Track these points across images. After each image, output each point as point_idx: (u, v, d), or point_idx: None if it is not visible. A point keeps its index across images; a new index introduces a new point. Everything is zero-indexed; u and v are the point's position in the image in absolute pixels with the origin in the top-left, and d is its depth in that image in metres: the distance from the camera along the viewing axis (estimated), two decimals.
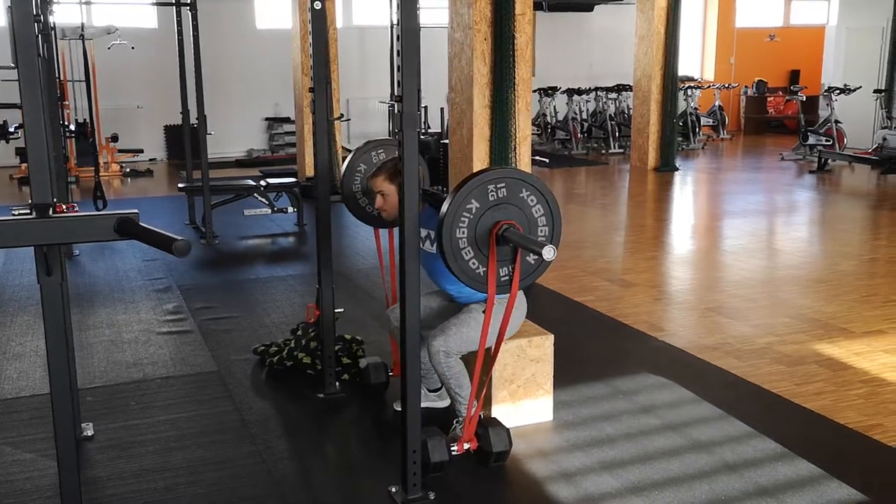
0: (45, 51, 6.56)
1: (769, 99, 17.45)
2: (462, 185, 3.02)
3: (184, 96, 7.75)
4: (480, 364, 3.26)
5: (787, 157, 13.07)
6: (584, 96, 14.79)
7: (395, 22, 9.88)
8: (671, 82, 11.86)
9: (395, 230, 3.82)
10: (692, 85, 15.63)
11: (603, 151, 14.30)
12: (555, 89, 14.92)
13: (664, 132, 12.03)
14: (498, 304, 3.36)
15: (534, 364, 3.66)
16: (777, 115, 17.52)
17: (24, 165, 11.10)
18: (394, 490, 3.09)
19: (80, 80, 11.67)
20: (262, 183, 7.95)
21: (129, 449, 3.46)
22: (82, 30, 7.60)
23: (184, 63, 7.64)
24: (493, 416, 3.61)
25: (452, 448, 3.27)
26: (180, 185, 7.93)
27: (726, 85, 16.48)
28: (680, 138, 14.79)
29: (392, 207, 3.55)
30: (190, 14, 7.17)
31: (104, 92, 12.37)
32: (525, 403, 3.68)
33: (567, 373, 4.22)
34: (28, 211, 2.38)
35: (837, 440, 3.55)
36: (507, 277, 3.13)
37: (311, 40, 3.82)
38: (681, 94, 14.99)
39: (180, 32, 7.66)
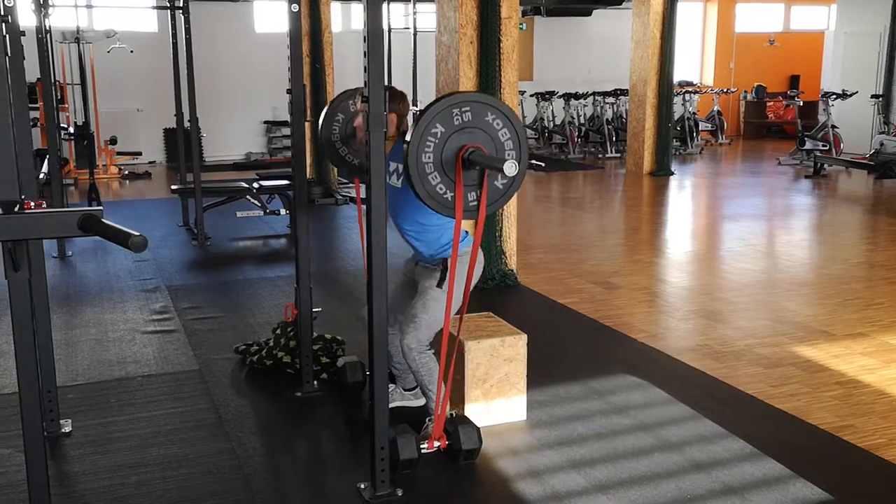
0: (43, 53, 6.64)
1: (769, 104, 17.47)
2: (426, 109, 3.01)
3: (178, 99, 7.80)
4: (445, 346, 3.25)
5: (784, 162, 13.08)
6: (581, 101, 14.82)
7: (388, 27, 9.93)
8: (667, 87, 11.89)
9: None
10: (690, 90, 15.66)
11: (600, 156, 14.33)
12: (552, 93, 14.96)
13: (660, 137, 12.06)
14: (459, 265, 3.38)
15: (507, 364, 3.70)
16: (777, 121, 17.54)
17: None
18: (362, 487, 3.13)
19: (80, 84, 11.80)
20: (255, 185, 8.00)
21: (105, 445, 3.51)
22: (77, 33, 7.65)
23: (178, 66, 7.69)
24: (465, 414, 3.65)
25: (422, 446, 3.31)
26: (173, 188, 7.98)
27: (725, 90, 16.49)
28: (678, 143, 14.83)
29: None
30: (183, 18, 7.23)
31: (104, 95, 12.45)
32: (498, 403, 3.72)
33: (544, 373, 4.26)
34: None
35: (807, 441, 3.58)
36: (474, 202, 3.11)
37: (288, 42, 3.86)
38: (679, 98, 15.04)
39: (175, 36, 7.71)
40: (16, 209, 2.36)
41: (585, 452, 3.44)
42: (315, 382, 4.11)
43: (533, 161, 13.40)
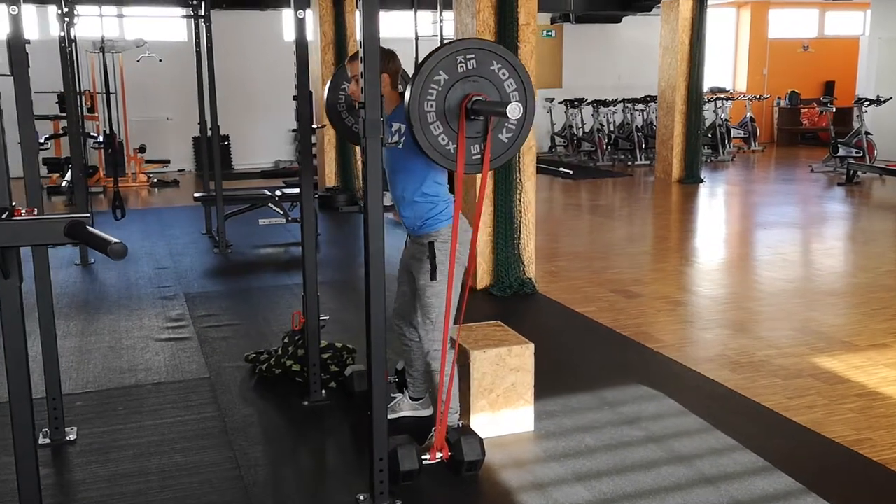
0: (66, 62, 6.72)
1: (803, 110, 17.19)
2: (429, 56, 2.95)
3: (201, 108, 7.85)
4: (445, 356, 3.20)
5: (817, 169, 12.85)
6: (610, 108, 14.70)
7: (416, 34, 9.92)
8: (696, 93, 11.74)
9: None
10: (723, 96, 15.46)
11: (629, 163, 14.19)
12: (581, 101, 14.85)
13: (689, 144, 11.91)
14: (444, 243, 3.33)
15: (514, 373, 3.64)
16: (811, 127, 17.24)
17: (54, 175, 11.34)
18: (361, 498, 3.08)
19: (104, 92, 11.94)
20: (277, 193, 8.01)
21: (108, 453, 3.50)
22: (103, 42, 7.74)
23: (201, 75, 7.74)
24: (471, 425, 3.59)
25: (424, 457, 3.26)
26: (195, 195, 8.02)
27: (758, 96, 16.26)
28: (709, 150, 14.65)
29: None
30: (204, 27, 7.27)
31: (135, 103, 12.60)
32: (505, 413, 3.65)
33: (555, 383, 4.20)
34: None
35: (822, 454, 3.48)
36: (478, 156, 3.05)
37: (294, 49, 3.84)
38: (710, 105, 14.86)
39: (198, 45, 7.77)
40: (3, 216, 2.36)
41: (592, 465, 3.37)
42: (323, 391, 4.07)
43: (561, 168, 13.33)
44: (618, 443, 3.57)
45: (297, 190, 8.10)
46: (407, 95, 2.95)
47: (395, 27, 14.82)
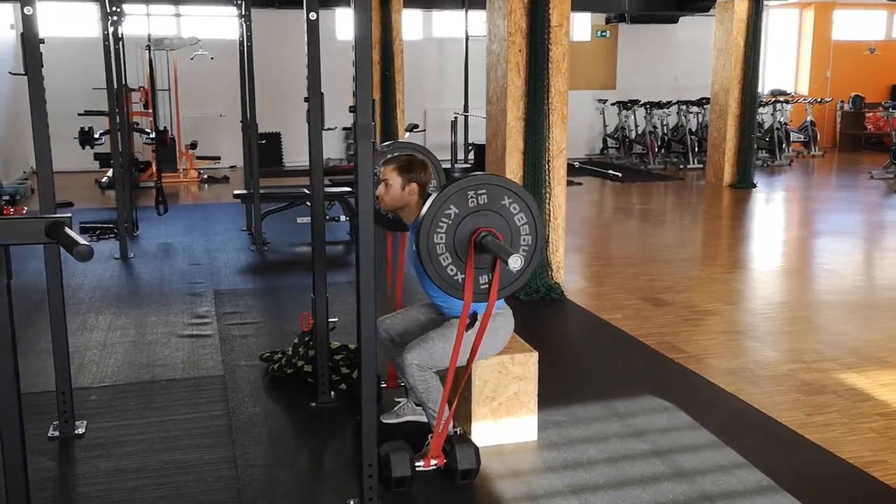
0: (109, 60, 6.86)
1: (868, 115, 16.67)
2: (441, 189, 3.01)
3: (244, 105, 7.94)
4: (451, 378, 3.21)
5: (877, 176, 12.44)
6: (664, 110, 14.46)
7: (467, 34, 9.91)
8: (750, 96, 11.48)
9: (406, 235, 3.83)
10: (782, 99, 15.09)
11: (681, 167, 13.94)
12: (635, 102, 14.64)
13: (741, 148, 11.65)
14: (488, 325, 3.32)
15: (517, 382, 3.58)
16: (876, 132, 16.72)
17: (106, 170, 11.60)
18: (352, 502, 3.07)
19: (157, 89, 12.18)
20: None
21: (111, 448, 3.55)
22: (149, 40, 7.89)
23: (244, 72, 7.83)
24: (472, 433, 3.55)
25: (418, 464, 3.24)
26: (235, 193, 8.13)
27: (819, 99, 15.82)
28: (766, 154, 14.31)
29: (391, 199, 3.57)
30: (244, 25, 7.36)
31: (189, 101, 12.83)
32: (507, 422, 3.60)
33: (566, 391, 4.14)
34: None
35: (832, 475, 3.35)
36: (486, 286, 3.10)
37: (306, 50, 3.85)
38: (769, 108, 14.51)
39: (242, 43, 7.86)
40: None
41: (590, 477, 3.30)
42: (332, 393, 4.07)
43: (609, 171, 13.17)
44: (621, 456, 3.49)
45: (335, 189, 8.18)
46: (418, 222, 3.01)
47: (448, 27, 14.85)
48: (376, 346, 3.01)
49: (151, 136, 11.38)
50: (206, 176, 12.44)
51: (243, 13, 7.48)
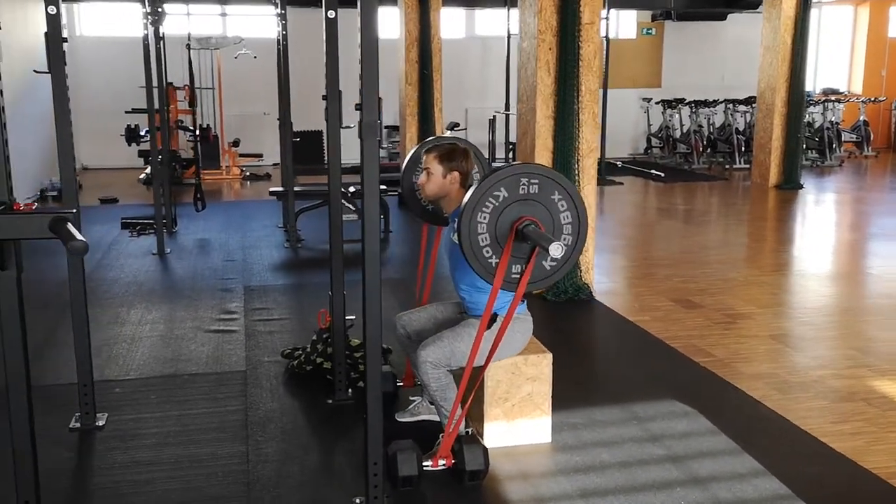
0: (148, 59, 6.98)
1: None
2: (495, 170, 3.01)
3: (281, 103, 8.01)
4: (466, 380, 3.20)
5: None
6: (711, 108, 14.22)
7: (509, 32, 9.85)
8: (797, 95, 11.23)
9: (444, 229, 3.83)
10: (834, 98, 14.73)
11: (727, 167, 13.70)
12: (680, 101, 14.43)
13: (788, 148, 11.40)
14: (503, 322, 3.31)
15: (530, 383, 3.55)
16: None
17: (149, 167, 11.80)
18: (357, 501, 3.07)
19: (208, 88, 12.37)
20: (352, 189, 8.09)
21: (129, 441, 3.60)
22: (189, 39, 8.00)
23: (280, 71, 7.90)
24: (485, 433, 3.53)
25: (426, 463, 3.23)
26: (271, 190, 8.20)
27: (873, 98, 15.41)
28: (815, 154, 14.00)
29: (432, 187, 3.57)
30: (281, 23, 7.41)
31: (232, 99, 12.99)
32: (520, 423, 3.57)
33: (585, 394, 4.10)
34: None
35: (853, 485, 3.25)
36: (517, 275, 3.07)
37: (325, 49, 3.86)
38: (819, 107, 14.19)
39: (279, 42, 7.93)
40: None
41: (601, 482, 3.25)
42: (350, 391, 4.08)
43: (652, 171, 13.00)
44: (635, 460, 3.44)
45: None
46: (464, 199, 3.01)
47: (491, 25, 14.80)
48: (381, 345, 3.00)
49: (195, 133, 11.57)
50: (248, 173, 12.58)
51: (280, 12, 7.52)
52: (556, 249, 2.87)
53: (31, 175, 9.78)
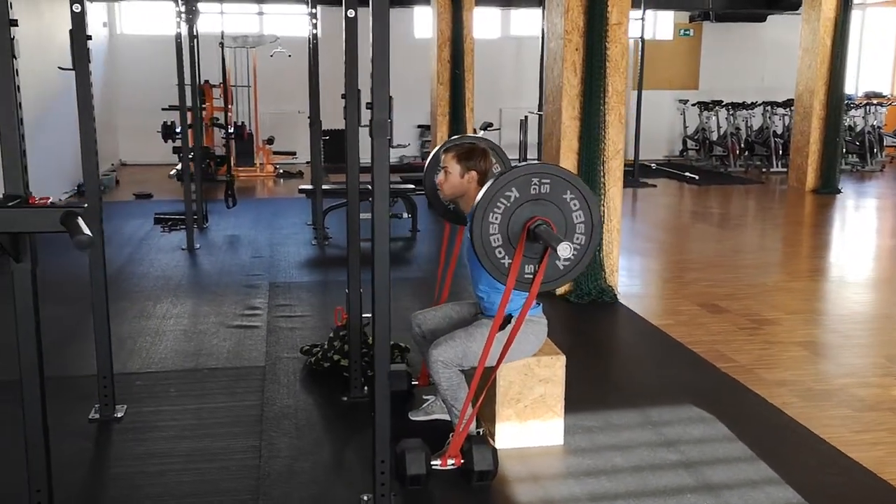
0: (181, 57, 7.06)
1: None
2: (506, 171, 3.01)
3: (312, 102, 8.05)
4: (477, 380, 3.19)
5: None
6: (749, 111, 14.03)
7: (544, 31, 9.81)
8: (836, 98, 11.04)
9: (465, 228, 3.82)
10: (875, 101, 14.45)
11: (763, 170, 13.51)
12: (718, 103, 14.26)
13: (826, 151, 11.22)
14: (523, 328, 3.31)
15: (543, 384, 3.53)
16: None
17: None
18: (365, 498, 3.08)
19: (243, 86, 12.49)
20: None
21: (145, 433, 3.65)
22: (222, 38, 8.09)
23: (312, 69, 7.95)
24: (496, 434, 3.52)
25: (435, 463, 3.23)
26: (300, 188, 8.26)
27: None
28: (856, 159, 13.75)
29: (450, 186, 3.59)
30: (311, 22, 7.46)
31: (267, 97, 13.10)
32: (533, 424, 3.55)
33: (601, 397, 4.08)
34: None
35: (869, 497, 3.19)
36: (530, 275, 3.06)
37: (345, 47, 3.87)
38: (860, 110, 13.94)
39: (310, 41, 7.98)
40: (10, 203, 2.50)
41: (611, 486, 3.23)
42: (366, 388, 4.09)
43: (686, 173, 12.86)
44: (647, 465, 3.40)
45: (398, 186, 8.23)
46: (476, 200, 3.00)
47: (526, 25, 14.76)
48: (389, 344, 3.01)
49: (229, 130, 11.69)
50: (281, 171, 12.68)
51: (311, 10, 7.57)
52: (564, 250, 2.86)
53: (68, 171, 9.95)
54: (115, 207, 9.55)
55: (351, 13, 3.81)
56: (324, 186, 7.73)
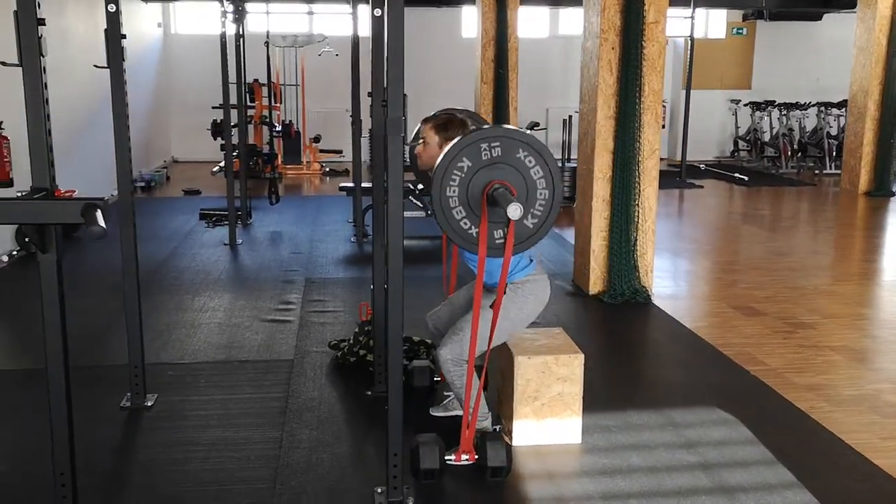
0: (225, 56, 7.20)
1: None
2: (453, 143, 3.02)
3: (353, 101, 8.14)
4: (473, 356, 3.20)
5: None
6: (802, 111, 13.77)
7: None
8: (891, 98, 10.78)
9: None
10: None
11: (816, 172, 13.25)
12: (770, 103, 14.02)
13: (880, 153, 10.97)
14: (512, 293, 3.35)
15: (561, 383, 3.54)
16: None
17: (236, 161, 12.15)
18: (379, 491, 3.13)
19: (292, 84, 12.66)
20: (420, 186, 8.17)
21: (173, 421, 3.75)
22: (267, 37, 8.22)
23: (353, 69, 8.03)
24: (514, 431, 3.54)
25: (449, 458, 3.26)
26: (341, 185, 8.35)
27: None
28: None
29: (428, 157, 3.60)
30: (353, 22, 7.54)
31: (315, 96, 13.27)
32: (550, 422, 3.56)
33: (624, 397, 4.07)
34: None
35: (890, 503, 3.13)
36: (500, 240, 3.07)
37: (371, 47, 3.92)
38: None
39: (354, 39, 8.06)
40: (35, 196, 2.61)
41: (626, 486, 3.22)
42: None
43: (735, 174, 12.67)
44: (665, 466, 3.39)
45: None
46: (432, 171, 3.04)
47: (574, 24, 14.68)
48: (402, 335, 3.05)
49: (277, 129, 11.88)
50: (328, 168, 12.83)
51: (352, 10, 7.65)
52: (513, 211, 2.82)
53: None
54: (163, 203, 9.78)
55: (377, 12, 3.84)
56: (363, 184, 7.81)
